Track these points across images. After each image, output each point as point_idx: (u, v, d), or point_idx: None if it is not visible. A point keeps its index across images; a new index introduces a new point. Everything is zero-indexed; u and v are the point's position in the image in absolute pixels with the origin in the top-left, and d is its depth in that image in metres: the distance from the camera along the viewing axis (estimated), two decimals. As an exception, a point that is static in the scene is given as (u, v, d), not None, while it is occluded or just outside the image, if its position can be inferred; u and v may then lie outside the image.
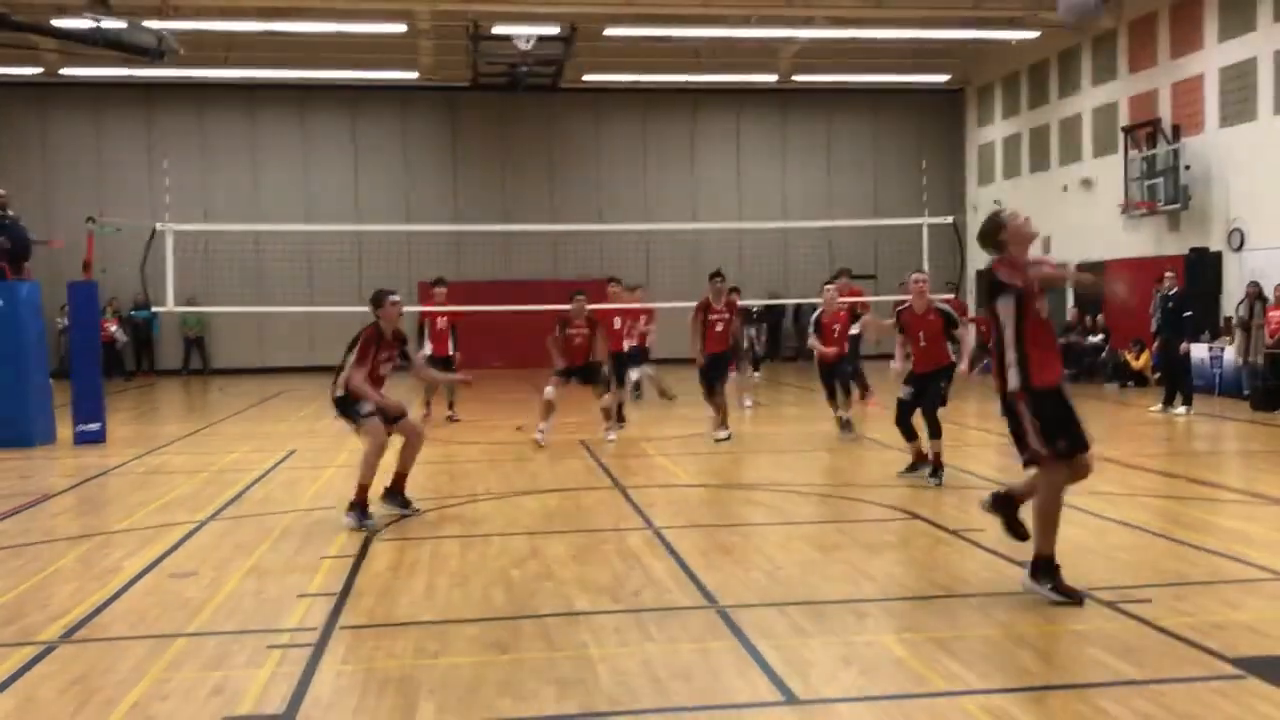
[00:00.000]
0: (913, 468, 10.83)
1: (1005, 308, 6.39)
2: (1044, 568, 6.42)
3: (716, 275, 14.20)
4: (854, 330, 14.91)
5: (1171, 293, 16.41)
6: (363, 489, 8.94)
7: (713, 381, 13.91)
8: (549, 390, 13.46)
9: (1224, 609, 6.21)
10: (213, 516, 9.48)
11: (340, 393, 9.24)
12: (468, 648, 5.79)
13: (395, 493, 9.40)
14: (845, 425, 14.20)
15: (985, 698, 4.92)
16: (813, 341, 14.37)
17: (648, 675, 5.29)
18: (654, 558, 7.69)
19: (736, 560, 7.56)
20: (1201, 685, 5.02)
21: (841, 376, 14.47)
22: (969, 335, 11.46)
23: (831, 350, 14.06)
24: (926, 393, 10.70)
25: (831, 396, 14.34)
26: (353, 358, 9.15)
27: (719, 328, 14.02)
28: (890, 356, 12.41)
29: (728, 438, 13.67)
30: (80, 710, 4.97)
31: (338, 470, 11.99)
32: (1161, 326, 16.79)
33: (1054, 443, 6.28)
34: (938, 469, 10.47)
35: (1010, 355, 6.37)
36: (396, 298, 9.39)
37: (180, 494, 10.70)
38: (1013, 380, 6.36)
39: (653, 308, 17.76)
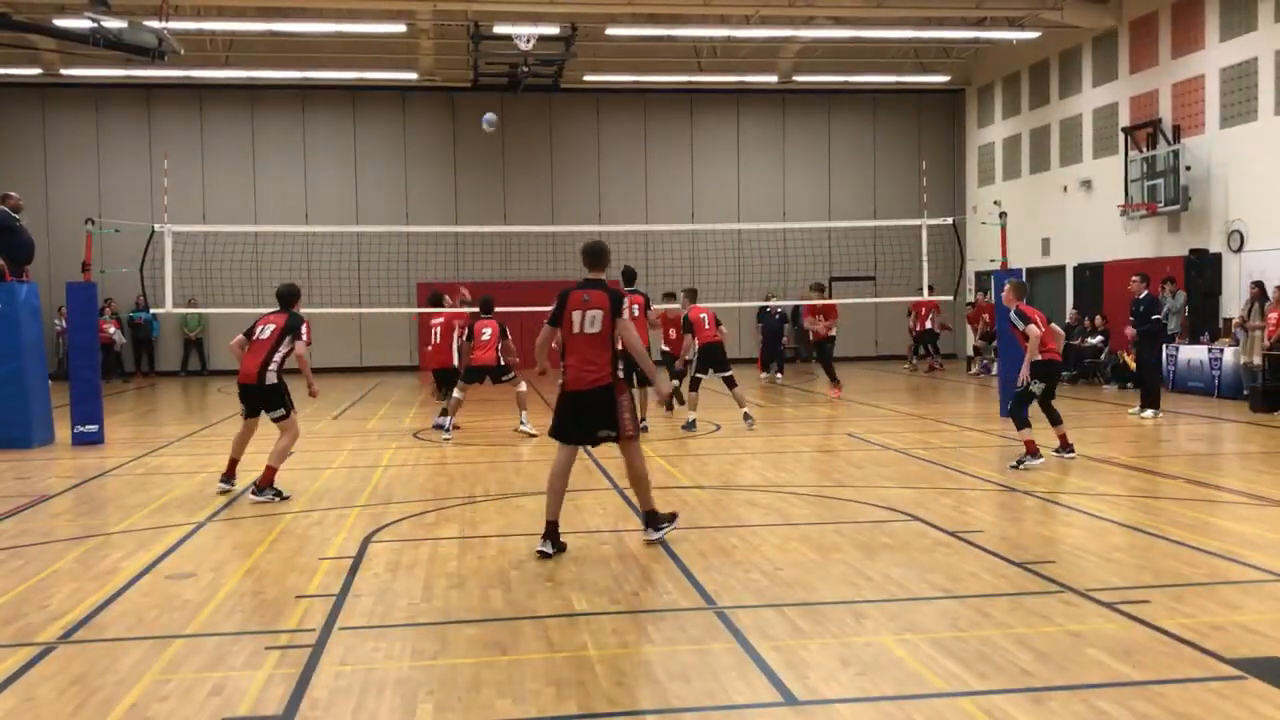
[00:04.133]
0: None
1: None
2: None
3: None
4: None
5: (1141, 296, 16.45)
6: (274, 471, 10.25)
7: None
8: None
9: (1223, 610, 6.20)
10: (211, 518, 9.48)
11: (275, 380, 10.31)
12: (466, 649, 5.79)
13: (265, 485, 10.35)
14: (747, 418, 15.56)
15: (984, 698, 4.92)
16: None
17: (647, 676, 5.28)
18: (652, 559, 7.69)
19: (735, 561, 7.55)
20: (1200, 686, 5.02)
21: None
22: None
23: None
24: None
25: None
26: (303, 342, 10.45)
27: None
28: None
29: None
30: (79, 710, 4.96)
31: (336, 471, 12.02)
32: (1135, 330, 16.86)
33: None
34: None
35: None
36: None
37: (178, 495, 10.70)
38: None
39: None
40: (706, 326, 15.54)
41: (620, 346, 8.00)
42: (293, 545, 8.35)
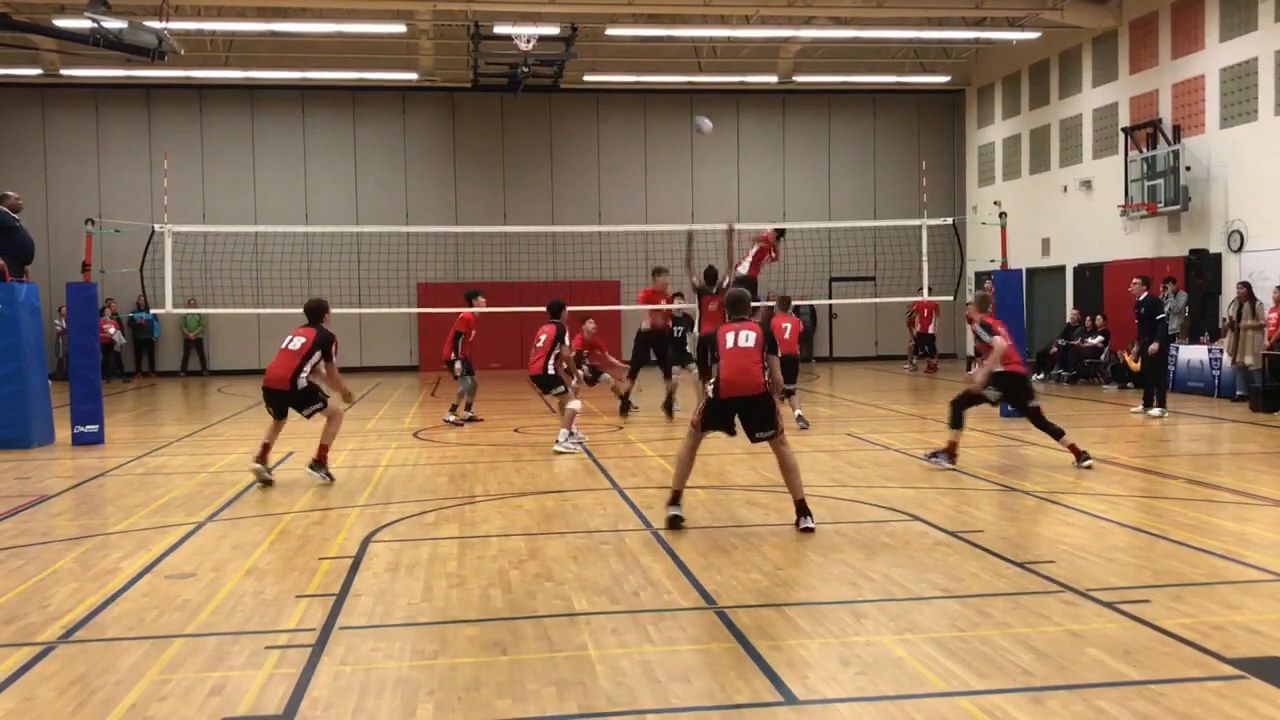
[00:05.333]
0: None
1: None
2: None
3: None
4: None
5: (1142, 297, 16.49)
6: (326, 450, 11.27)
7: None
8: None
9: (1223, 610, 6.20)
10: (211, 518, 9.48)
11: (305, 384, 11.08)
12: (466, 648, 5.79)
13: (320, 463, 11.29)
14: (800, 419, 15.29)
15: (984, 698, 4.92)
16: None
17: (647, 676, 5.28)
18: (652, 559, 7.69)
19: (735, 561, 7.55)
20: (1200, 686, 5.02)
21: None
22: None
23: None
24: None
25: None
26: (334, 357, 11.29)
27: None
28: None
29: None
30: (79, 710, 4.96)
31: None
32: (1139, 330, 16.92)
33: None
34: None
35: None
36: None
37: (178, 495, 10.70)
38: None
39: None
40: (786, 337, 14.91)
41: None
42: (293, 545, 8.35)
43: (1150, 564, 7.35)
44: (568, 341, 14.02)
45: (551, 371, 13.78)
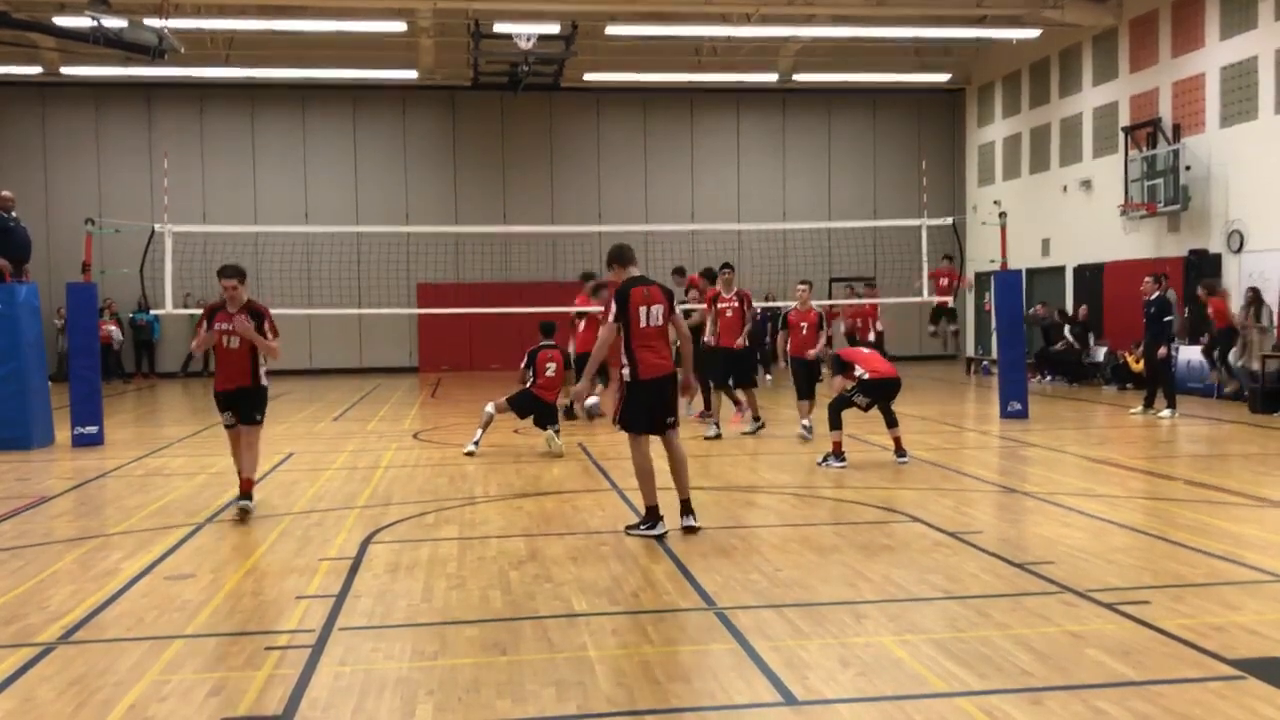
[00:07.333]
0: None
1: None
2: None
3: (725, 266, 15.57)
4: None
5: (1152, 297, 16.53)
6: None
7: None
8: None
9: (1223, 610, 6.21)
10: (211, 519, 9.48)
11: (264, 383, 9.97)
12: (466, 649, 5.79)
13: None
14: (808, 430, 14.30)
15: (983, 698, 4.92)
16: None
17: (646, 677, 5.28)
18: (652, 559, 7.69)
19: (735, 562, 7.55)
20: (1200, 686, 5.02)
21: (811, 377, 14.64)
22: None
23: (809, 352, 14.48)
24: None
25: (803, 397, 14.49)
26: (204, 327, 9.64)
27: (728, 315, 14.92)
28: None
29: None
30: (78, 711, 4.96)
31: (335, 472, 12.03)
32: (1145, 330, 16.94)
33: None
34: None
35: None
36: (231, 280, 9.41)
37: (178, 496, 10.70)
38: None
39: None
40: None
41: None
42: (292, 546, 8.35)
43: (1150, 565, 7.35)
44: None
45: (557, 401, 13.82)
